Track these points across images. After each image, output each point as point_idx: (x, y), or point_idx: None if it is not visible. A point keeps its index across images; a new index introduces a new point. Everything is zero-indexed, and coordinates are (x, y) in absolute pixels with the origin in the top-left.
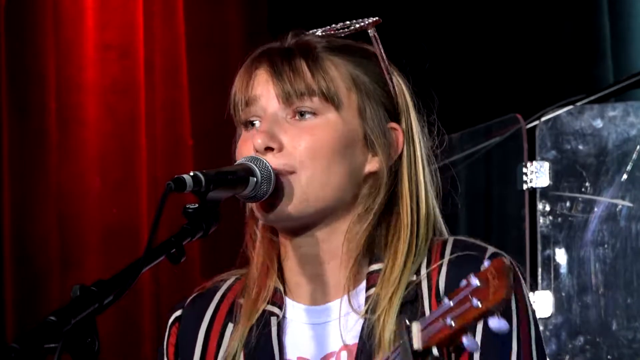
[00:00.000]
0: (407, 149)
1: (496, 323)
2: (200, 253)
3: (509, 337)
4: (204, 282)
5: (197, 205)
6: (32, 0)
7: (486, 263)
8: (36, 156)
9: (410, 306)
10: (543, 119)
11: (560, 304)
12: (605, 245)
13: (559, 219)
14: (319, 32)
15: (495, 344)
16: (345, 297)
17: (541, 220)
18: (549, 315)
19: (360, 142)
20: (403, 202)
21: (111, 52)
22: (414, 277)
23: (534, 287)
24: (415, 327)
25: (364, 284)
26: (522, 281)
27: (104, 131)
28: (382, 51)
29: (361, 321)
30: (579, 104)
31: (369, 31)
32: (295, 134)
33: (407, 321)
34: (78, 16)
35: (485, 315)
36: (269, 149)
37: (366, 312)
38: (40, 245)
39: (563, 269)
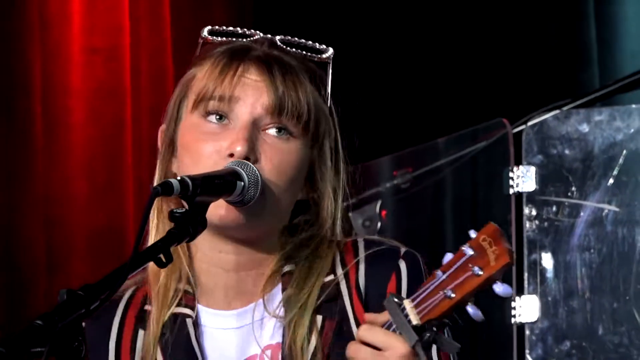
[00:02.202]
0: (336, 184)
1: (501, 288)
2: None
3: None
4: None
5: (184, 210)
6: (17, 3)
7: (402, 265)
8: (22, 160)
9: (330, 305)
10: (529, 123)
11: (546, 309)
12: (592, 250)
13: (545, 224)
14: (277, 39)
15: None
16: (261, 301)
17: (527, 224)
18: (535, 319)
19: (305, 173)
20: (324, 221)
21: (97, 56)
22: (331, 277)
23: (520, 292)
24: (408, 304)
25: (279, 285)
26: (427, 270)
27: (90, 135)
28: (330, 87)
29: (278, 323)
30: (565, 108)
31: (328, 62)
32: (268, 151)
33: (396, 299)
34: (64, 19)
35: (488, 281)
36: (246, 158)
37: (284, 313)
38: (26, 249)
39: (549, 274)
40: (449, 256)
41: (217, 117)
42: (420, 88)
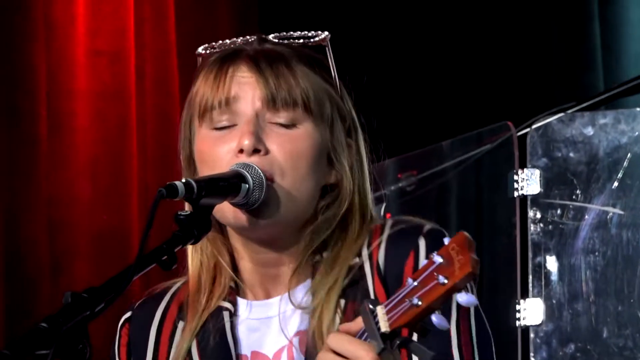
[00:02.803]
0: (356, 162)
1: (464, 298)
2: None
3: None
4: (152, 287)
5: (188, 212)
6: (22, 6)
7: (421, 242)
8: (26, 162)
9: (353, 288)
10: (534, 126)
11: (551, 312)
12: (596, 253)
13: (550, 227)
14: (270, 37)
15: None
16: (287, 293)
17: (532, 227)
18: (539, 322)
19: (325, 154)
20: (353, 212)
21: (102, 59)
22: (356, 260)
23: (524, 295)
24: (380, 310)
25: (310, 275)
26: None
27: (94, 137)
28: (335, 67)
29: (301, 313)
30: (569, 111)
31: (325, 45)
32: (277, 140)
33: (370, 305)
34: (69, 22)
35: (452, 291)
36: (255, 150)
37: (310, 301)
38: (30, 252)
39: (554, 277)
40: (423, 262)
41: (223, 124)
42: (425, 91)
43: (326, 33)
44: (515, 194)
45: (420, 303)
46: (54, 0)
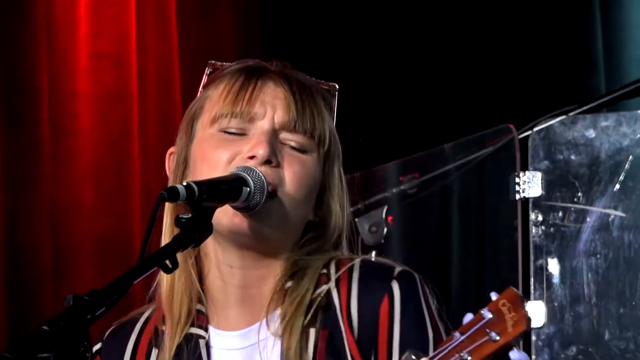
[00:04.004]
0: (345, 203)
1: (517, 355)
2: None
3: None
4: (121, 317)
5: (190, 215)
6: (24, 9)
7: (394, 286)
8: (29, 166)
9: (323, 316)
10: (536, 129)
11: (552, 314)
12: (598, 256)
13: (552, 229)
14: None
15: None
16: (264, 320)
17: (534, 230)
18: (541, 325)
19: (317, 191)
20: (330, 237)
21: (104, 62)
22: (323, 287)
23: (526, 297)
24: None
25: (281, 303)
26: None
27: (96, 141)
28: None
29: (278, 340)
30: (571, 114)
31: (332, 92)
32: (288, 159)
33: (413, 357)
34: (71, 25)
35: (504, 348)
36: (268, 162)
37: (282, 330)
38: (32, 255)
39: (555, 279)
40: (468, 317)
41: (235, 130)
42: (427, 94)
43: (334, 85)
44: (517, 196)
45: (469, 359)
46: (56, 4)
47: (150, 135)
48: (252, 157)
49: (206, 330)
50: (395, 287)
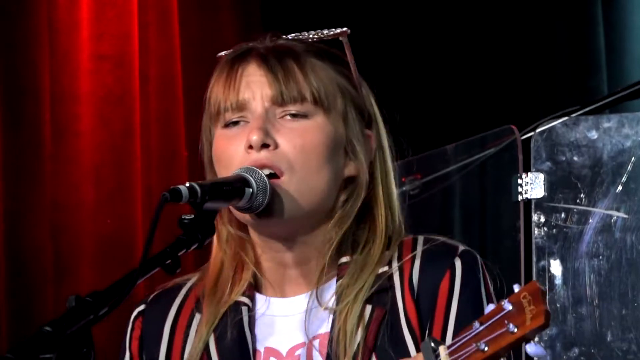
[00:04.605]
0: (378, 155)
1: (534, 349)
2: (194, 265)
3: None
4: (166, 282)
5: (192, 216)
6: (26, 10)
7: (457, 262)
8: (30, 167)
9: (381, 295)
10: (538, 130)
11: (555, 316)
12: (600, 257)
13: (554, 230)
14: (289, 37)
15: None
16: (314, 291)
17: (536, 231)
18: None
19: (342, 147)
20: (378, 205)
21: (106, 63)
22: (385, 269)
23: None
24: (443, 351)
25: (335, 276)
26: (485, 270)
27: (98, 142)
28: (353, 60)
29: (329, 313)
30: (573, 115)
31: (342, 39)
32: (287, 134)
33: (432, 344)
34: (73, 27)
35: (521, 340)
36: (264, 145)
37: (336, 303)
38: (34, 256)
39: (558, 280)
40: (490, 307)
41: (234, 123)
42: (429, 95)
43: (345, 28)
44: (519, 197)
45: (486, 349)
46: (58, 5)
47: (152, 136)
48: (251, 147)
49: (252, 298)
50: (458, 264)
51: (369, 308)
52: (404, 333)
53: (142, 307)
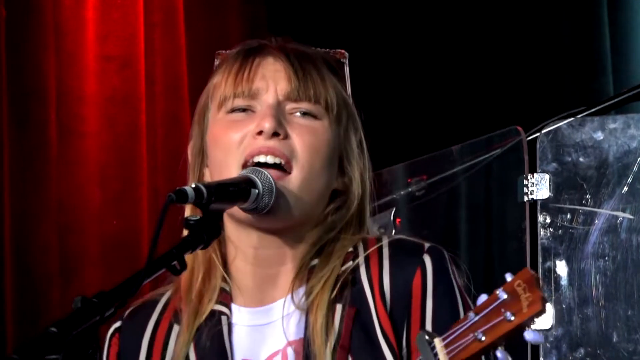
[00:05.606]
0: (365, 173)
1: (532, 335)
2: None
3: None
4: (139, 298)
5: (198, 217)
6: (32, 12)
7: (426, 259)
8: (36, 168)
9: (350, 292)
10: (544, 131)
11: (560, 316)
12: (606, 258)
13: (560, 231)
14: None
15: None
16: (289, 296)
17: (542, 232)
18: (549, 327)
19: (337, 157)
20: (351, 205)
21: (112, 64)
22: (349, 264)
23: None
24: (438, 343)
25: (306, 279)
26: (452, 264)
27: (104, 143)
28: (349, 81)
29: (302, 316)
30: (579, 116)
31: (343, 60)
32: (298, 128)
33: (427, 337)
34: (78, 28)
35: (519, 328)
36: (275, 134)
37: (306, 304)
38: (40, 257)
39: (563, 281)
40: (483, 297)
41: (242, 110)
42: (435, 96)
43: (343, 50)
44: (525, 198)
45: (483, 338)
46: (64, 6)
47: (158, 136)
48: (260, 133)
49: (229, 307)
50: (427, 260)
51: (339, 307)
52: (377, 335)
53: (118, 324)
